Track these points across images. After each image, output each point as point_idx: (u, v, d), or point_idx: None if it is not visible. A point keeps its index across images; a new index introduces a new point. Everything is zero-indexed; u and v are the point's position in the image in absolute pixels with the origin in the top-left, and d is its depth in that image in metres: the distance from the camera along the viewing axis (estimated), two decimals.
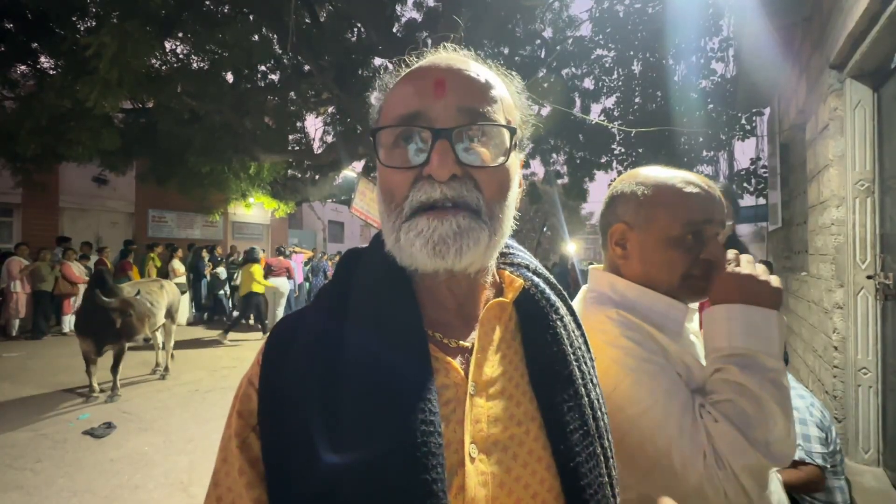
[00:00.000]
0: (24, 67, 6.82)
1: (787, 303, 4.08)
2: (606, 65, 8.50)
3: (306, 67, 7.71)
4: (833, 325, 2.62)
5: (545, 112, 8.12)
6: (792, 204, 4.39)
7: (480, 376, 0.50)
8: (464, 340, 0.53)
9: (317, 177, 9.93)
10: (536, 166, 9.84)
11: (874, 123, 2.47)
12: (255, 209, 13.02)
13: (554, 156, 9.47)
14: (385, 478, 0.41)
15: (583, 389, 0.53)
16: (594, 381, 0.57)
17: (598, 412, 0.55)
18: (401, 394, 0.44)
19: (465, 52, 0.55)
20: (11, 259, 7.88)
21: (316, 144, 9.70)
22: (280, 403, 0.47)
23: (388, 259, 0.52)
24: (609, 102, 9.31)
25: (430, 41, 6.64)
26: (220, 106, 6.77)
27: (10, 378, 5.41)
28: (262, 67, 8.00)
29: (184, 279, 9.63)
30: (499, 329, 0.55)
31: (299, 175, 10.39)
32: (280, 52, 7.38)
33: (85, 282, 8.59)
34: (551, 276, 0.63)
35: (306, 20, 7.28)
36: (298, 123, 9.02)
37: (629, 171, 0.94)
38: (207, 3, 6.60)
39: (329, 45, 7.00)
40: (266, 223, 16.79)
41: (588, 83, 8.75)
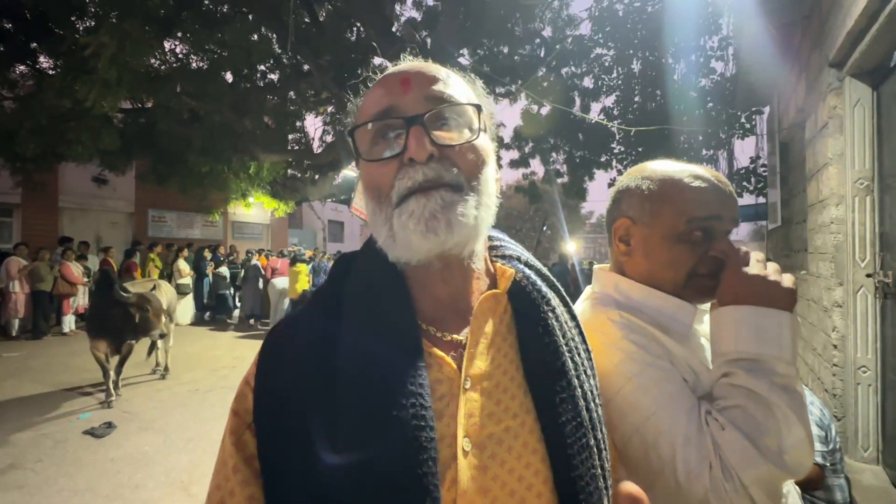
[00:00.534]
0: (23, 67, 6.82)
1: None
2: (606, 64, 8.49)
3: (306, 67, 7.70)
4: (832, 323, 2.62)
5: (545, 111, 8.13)
6: (791, 202, 4.39)
7: (474, 370, 0.51)
8: (458, 334, 0.54)
9: (316, 176, 9.91)
10: (536, 165, 9.82)
11: (873, 122, 2.47)
12: (255, 209, 13.01)
13: (553, 155, 9.48)
14: (377, 473, 0.42)
15: (575, 381, 0.54)
16: (588, 372, 0.57)
17: (592, 403, 0.55)
18: (393, 390, 0.45)
19: (425, 60, 0.59)
20: (10, 259, 7.88)
21: (315, 144, 9.70)
22: (275, 401, 0.48)
23: (380, 258, 0.54)
24: (609, 101, 9.30)
25: (429, 40, 6.64)
26: (219, 105, 6.76)
27: (10, 378, 5.42)
28: (262, 67, 8.00)
29: (189, 279, 9.63)
30: (493, 322, 0.55)
31: (299, 174, 10.37)
32: (279, 51, 7.37)
33: (84, 283, 8.60)
34: (543, 268, 0.63)
35: (305, 20, 7.27)
36: (298, 123, 9.01)
37: (636, 165, 0.89)
38: (206, 2, 6.59)
39: (328, 45, 6.98)
40: (266, 223, 16.80)
41: (587, 82, 8.75)
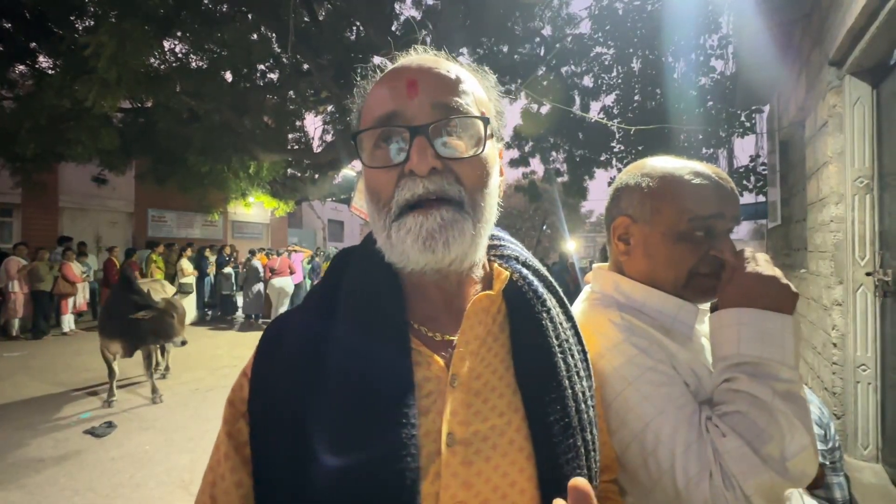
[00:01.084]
0: (22, 67, 6.83)
1: None
2: (606, 62, 8.49)
3: (305, 66, 7.69)
4: (832, 321, 2.62)
5: (545, 110, 8.12)
6: (791, 201, 4.38)
7: (462, 369, 0.52)
8: (450, 334, 0.54)
9: (316, 176, 9.91)
10: (536, 164, 9.83)
11: (873, 120, 2.46)
12: (255, 208, 13.01)
13: (553, 154, 9.48)
14: (359, 466, 0.44)
15: (566, 382, 0.54)
16: (582, 373, 0.57)
17: (583, 405, 0.55)
18: (378, 387, 0.47)
19: (436, 53, 0.57)
20: (10, 259, 7.88)
21: (315, 143, 9.69)
22: (269, 392, 0.50)
23: (376, 256, 0.54)
24: (608, 100, 9.30)
25: (429, 39, 6.63)
26: (219, 105, 6.75)
27: (11, 378, 5.42)
28: (261, 66, 7.98)
29: (192, 279, 9.64)
30: (486, 322, 0.55)
31: (299, 174, 10.37)
32: (279, 50, 7.36)
33: (82, 281, 8.61)
34: (542, 268, 0.63)
35: (305, 19, 7.26)
36: (298, 122, 9.00)
37: (636, 161, 0.86)
38: (206, 2, 6.59)
39: (328, 44, 6.99)
40: (266, 222, 16.81)
41: (587, 81, 8.75)
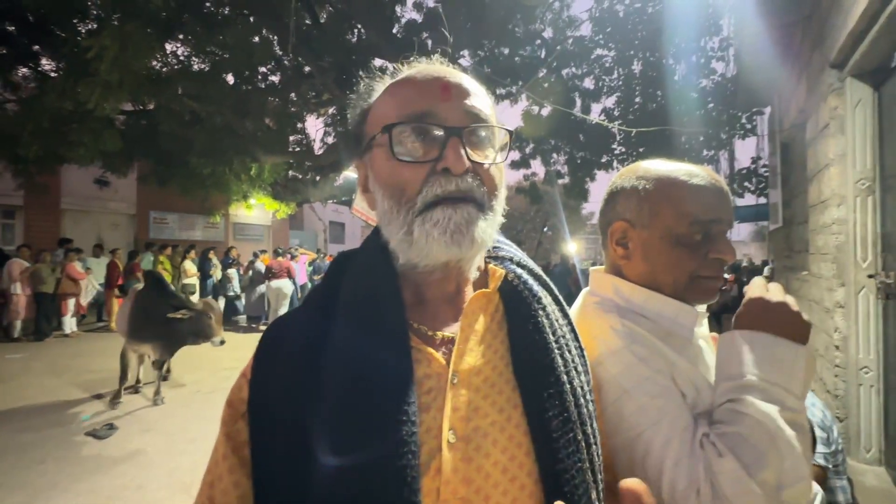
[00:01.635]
0: (25, 70, 6.84)
1: None
2: (606, 64, 8.49)
3: (307, 68, 7.71)
4: (834, 324, 2.61)
5: (545, 112, 8.13)
6: (793, 203, 4.38)
7: (462, 365, 0.52)
8: (450, 332, 0.55)
9: (317, 178, 9.91)
10: (537, 166, 9.81)
11: (875, 122, 2.47)
12: (256, 210, 13.01)
13: (554, 156, 9.47)
14: (360, 464, 0.44)
15: (564, 377, 0.54)
16: (579, 368, 0.58)
17: (582, 399, 0.55)
18: (378, 385, 0.47)
19: (441, 60, 0.59)
20: (13, 261, 7.90)
21: (317, 145, 9.69)
22: (268, 392, 0.51)
23: (378, 257, 0.55)
24: (609, 102, 9.31)
25: (429, 42, 6.65)
26: (220, 107, 6.77)
27: (13, 379, 5.42)
28: (263, 69, 7.99)
29: (195, 280, 9.65)
30: (483, 319, 0.56)
31: (300, 176, 10.38)
32: (280, 53, 7.38)
33: (85, 277, 8.66)
34: (536, 268, 0.65)
35: (306, 21, 7.29)
36: (299, 124, 9.00)
37: (629, 165, 0.86)
38: (208, 4, 6.61)
39: (329, 46, 7.00)
40: (267, 224, 16.81)
41: (588, 83, 8.75)
